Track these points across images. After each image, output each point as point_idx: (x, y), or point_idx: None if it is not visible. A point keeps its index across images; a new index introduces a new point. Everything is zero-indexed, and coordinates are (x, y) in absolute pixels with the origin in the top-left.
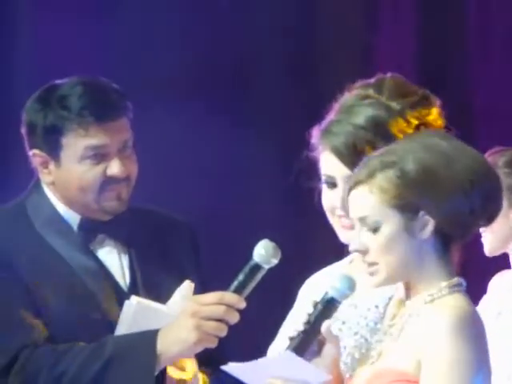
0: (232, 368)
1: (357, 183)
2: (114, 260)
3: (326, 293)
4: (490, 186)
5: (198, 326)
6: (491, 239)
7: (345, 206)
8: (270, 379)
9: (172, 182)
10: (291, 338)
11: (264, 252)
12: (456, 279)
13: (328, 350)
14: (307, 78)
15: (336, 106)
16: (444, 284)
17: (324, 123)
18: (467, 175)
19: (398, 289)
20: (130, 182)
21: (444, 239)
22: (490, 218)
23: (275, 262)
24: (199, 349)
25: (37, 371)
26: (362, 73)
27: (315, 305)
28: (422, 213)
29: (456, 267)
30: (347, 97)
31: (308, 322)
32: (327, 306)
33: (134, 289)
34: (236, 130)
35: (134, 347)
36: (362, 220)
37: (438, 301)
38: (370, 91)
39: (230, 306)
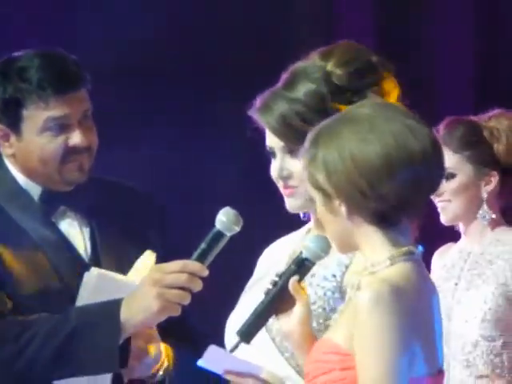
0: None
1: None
2: (76, 231)
3: (301, 252)
4: (404, 163)
5: (161, 294)
6: (455, 207)
7: (281, 176)
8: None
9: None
10: (266, 293)
11: (225, 219)
12: (404, 249)
13: (297, 308)
14: (270, 51)
15: (283, 76)
16: (387, 255)
17: (261, 97)
18: (368, 164)
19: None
20: (91, 152)
21: (375, 215)
22: (427, 190)
23: (237, 229)
24: (163, 317)
25: (1, 342)
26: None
27: (288, 265)
28: (332, 197)
29: (412, 234)
30: (293, 68)
31: (277, 282)
32: (300, 266)
33: (95, 260)
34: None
35: (97, 316)
36: None
37: (379, 273)
38: (317, 59)
39: (192, 274)
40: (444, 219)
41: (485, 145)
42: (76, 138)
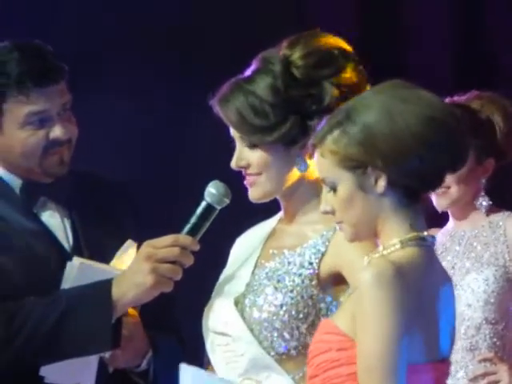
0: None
1: (313, 147)
2: (57, 222)
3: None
4: (442, 137)
5: (154, 268)
6: (454, 193)
7: (239, 165)
8: None
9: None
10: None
11: (215, 191)
12: (415, 234)
13: None
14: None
15: (252, 64)
16: (399, 239)
17: (222, 88)
18: (410, 132)
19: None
20: (72, 145)
21: (407, 192)
22: (453, 165)
23: (227, 201)
24: (155, 293)
25: None
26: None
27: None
28: (370, 168)
29: (423, 220)
30: (257, 58)
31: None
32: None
33: (77, 250)
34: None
35: (88, 297)
36: (323, 181)
37: (388, 256)
38: (284, 48)
39: (184, 248)
40: (443, 204)
41: (485, 133)
42: (57, 130)
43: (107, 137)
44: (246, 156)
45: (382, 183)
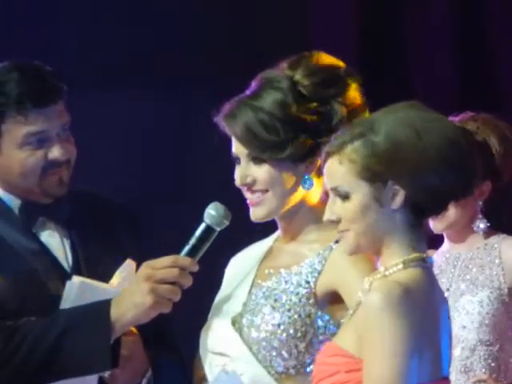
0: None
1: (329, 154)
2: (56, 242)
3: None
4: (461, 160)
5: (153, 289)
6: (452, 216)
7: (244, 182)
8: None
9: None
10: None
11: (215, 213)
12: (417, 255)
13: None
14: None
15: (252, 84)
16: (402, 259)
17: (227, 104)
18: (436, 150)
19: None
20: (70, 165)
21: (417, 211)
22: (465, 191)
23: (226, 223)
24: (154, 314)
25: None
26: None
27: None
28: (390, 183)
29: (425, 242)
30: (260, 76)
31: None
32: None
33: (76, 270)
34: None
35: (87, 317)
36: (334, 190)
37: (390, 276)
38: (285, 68)
39: (183, 269)
40: (439, 227)
41: (482, 155)
42: (56, 151)
43: (108, 154)
44: (252, 172)
45: (399, 199)
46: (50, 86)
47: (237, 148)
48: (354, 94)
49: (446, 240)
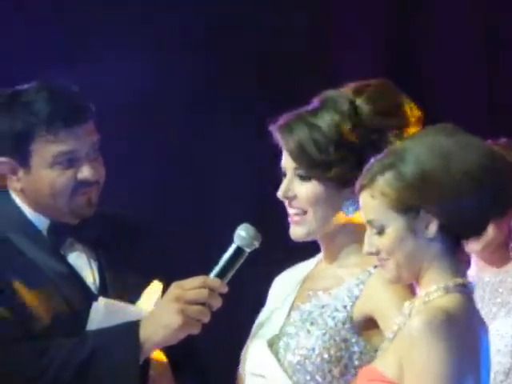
0: None
1: (362, 187)
2: (84, 263)
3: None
4: (495, 182)
5: (182, 310)
6: (491, 235)
7: (286, 195)
8: None
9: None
10: None
11: (245, 234)
12: (458, 280)
13: None
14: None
15: (314, 101)
16: (442, 284)
17: (285, 116)
18: (467, 175)
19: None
20: (99, 185)
21: (453, 237)
22: (502, 212)
23: (256, 244)
24: (183, 335)
25: (20, 367)
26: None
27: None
28: (423, 212)
29: (465, 265)
30: (323, 95)
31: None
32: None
33: (103, 291)
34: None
35: (116, 338)
36: (370, 223)
37: (432, 302)
38: (349, 91)
39: (212, 291)
40: (476, 249)
41: None
42: (86, 171)
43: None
44: (296, 188)
45: (433, 228)
46: (79, 105)
47: (286, 160)
48: (413, 129)
49: (472, 264)
